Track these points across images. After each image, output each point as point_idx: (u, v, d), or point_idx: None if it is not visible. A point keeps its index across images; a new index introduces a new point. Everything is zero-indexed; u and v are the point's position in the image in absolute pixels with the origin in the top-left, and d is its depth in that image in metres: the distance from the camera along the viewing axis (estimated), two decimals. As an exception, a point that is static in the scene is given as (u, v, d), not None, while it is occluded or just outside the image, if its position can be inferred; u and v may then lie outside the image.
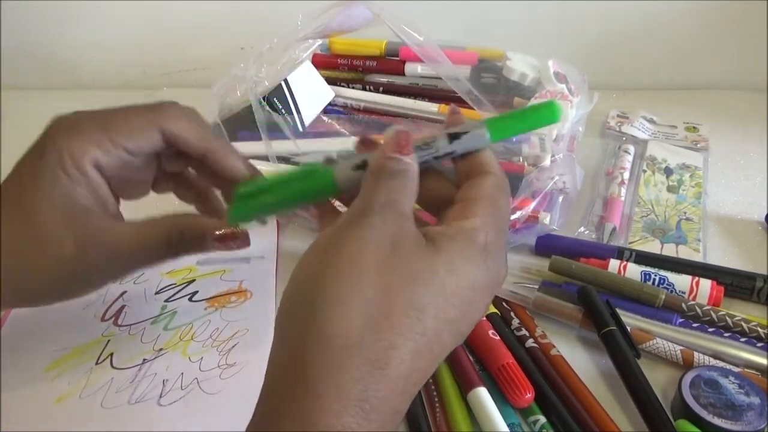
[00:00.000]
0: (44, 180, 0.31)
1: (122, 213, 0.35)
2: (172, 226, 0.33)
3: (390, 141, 0.28)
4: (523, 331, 0.41)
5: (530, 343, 0.40)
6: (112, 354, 0.41)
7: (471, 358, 0.39)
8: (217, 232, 0.34)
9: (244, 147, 0.51)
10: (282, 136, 0.50)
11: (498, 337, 0.40)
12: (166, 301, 0.45)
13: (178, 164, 0.37)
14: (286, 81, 0.56)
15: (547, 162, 0.48)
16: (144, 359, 0.40)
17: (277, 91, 0.55)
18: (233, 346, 0.41)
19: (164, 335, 0.42)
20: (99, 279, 0.34)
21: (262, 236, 0.51)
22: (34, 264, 0.31)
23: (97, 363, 0.40)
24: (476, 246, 0.26)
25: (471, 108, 0.51)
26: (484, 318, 0.41)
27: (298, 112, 0.56)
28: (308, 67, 0.59)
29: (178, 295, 0.45)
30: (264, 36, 0.55)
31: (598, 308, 0.40)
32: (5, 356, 0.40)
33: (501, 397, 0.36)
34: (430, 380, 0.37)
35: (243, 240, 0.35)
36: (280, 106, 0.54)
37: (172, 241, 0.33)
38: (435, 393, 0.37)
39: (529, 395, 0.36)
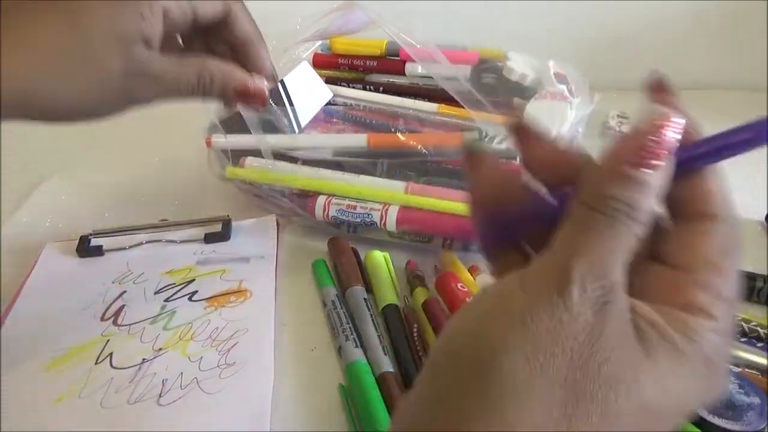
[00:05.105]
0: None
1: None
2: (204, 68, 0.34)
3: (632, 141, 0.19)
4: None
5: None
6: (111, 354, 0.41)
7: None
8: (237, 86, 0.34)
9: (239, 140, 0.52)
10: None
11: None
12: (166, 300, 0.45)
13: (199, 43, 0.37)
14: (282, 82, 0.56)
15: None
16: (143, 359, 0.40)
17: (273, 91, 0.55)
18: (233, 346, 0.41)
19: (164, 335, 0.42)
20: (131, 103, 0.33)
21: (262, 236, 0.51)
22: (75, 76, 0.30)
23: (96, 363, 0.40)
24: (699, 358, 0.19)
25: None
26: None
27: (294, 112, 0.56)
28: (306, 68, 0.59)
29: (178, 294, 0.45)
30: (264, 37, 0.55)
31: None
32: (5, 356, 0.40)
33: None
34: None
35: (261, 99, 0.36)
36: (276, 107, 0.54)
37: (202, 82, 0.34)
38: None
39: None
